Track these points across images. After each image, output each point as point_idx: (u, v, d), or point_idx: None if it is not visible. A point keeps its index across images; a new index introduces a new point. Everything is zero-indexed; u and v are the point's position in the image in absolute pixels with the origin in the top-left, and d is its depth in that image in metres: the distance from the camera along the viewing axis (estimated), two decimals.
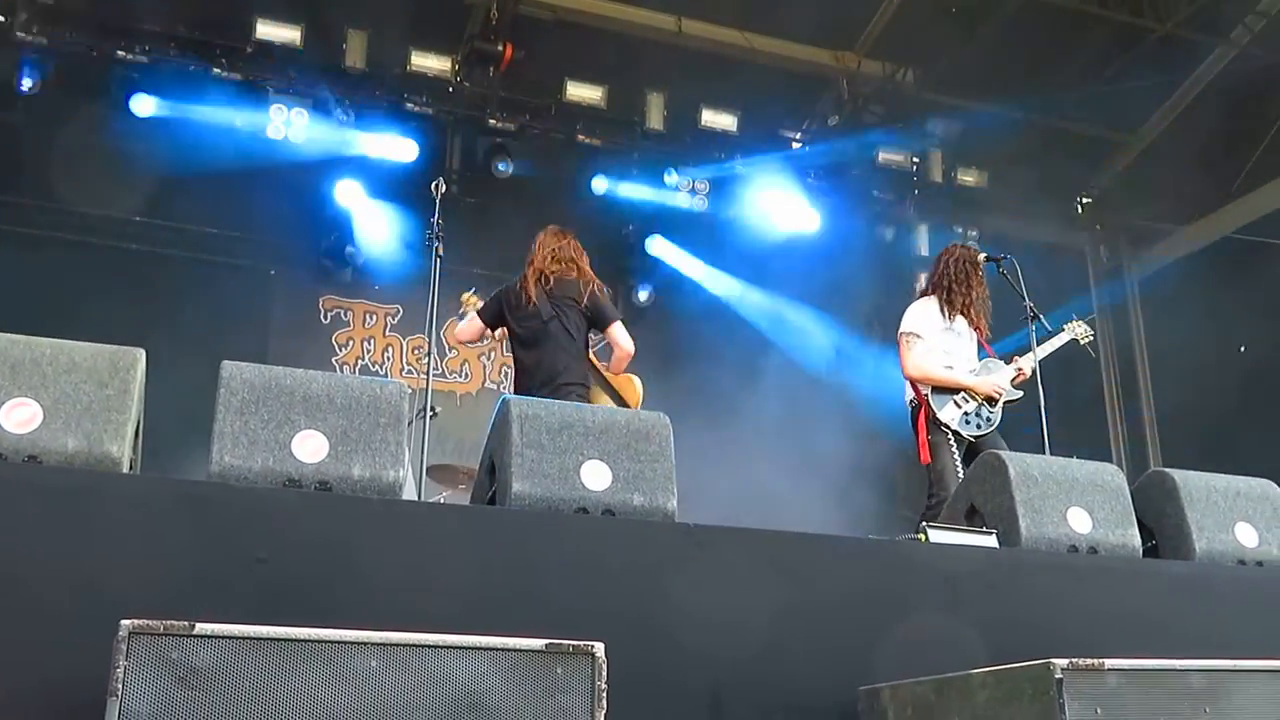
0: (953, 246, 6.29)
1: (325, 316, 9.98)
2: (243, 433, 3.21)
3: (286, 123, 8.74)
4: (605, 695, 2.29)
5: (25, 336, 3.17)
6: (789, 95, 10.61)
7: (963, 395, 5.83)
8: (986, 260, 6.13)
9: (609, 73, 9.53)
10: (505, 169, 9.56)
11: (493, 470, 3.58)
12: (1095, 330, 6.57)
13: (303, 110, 8.77)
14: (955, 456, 5.69)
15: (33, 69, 8.23)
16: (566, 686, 2.28)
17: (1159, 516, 4.25)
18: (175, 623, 2.12)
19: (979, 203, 10.75)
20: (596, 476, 3.47)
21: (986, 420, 5.82)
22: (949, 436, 5.75)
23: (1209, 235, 10.57)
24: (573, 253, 5.91)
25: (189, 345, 7.29)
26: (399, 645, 2.22)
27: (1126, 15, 9.43)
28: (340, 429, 3.30)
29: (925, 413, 5.81)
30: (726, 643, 3.16)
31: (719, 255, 10.42)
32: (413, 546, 3.07)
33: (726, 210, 10.22)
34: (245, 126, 8.73)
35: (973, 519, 4.14)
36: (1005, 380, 5.90)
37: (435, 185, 5.70)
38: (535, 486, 3.39)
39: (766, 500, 8.42)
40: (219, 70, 8.74)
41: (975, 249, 6.27)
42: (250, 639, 2.15)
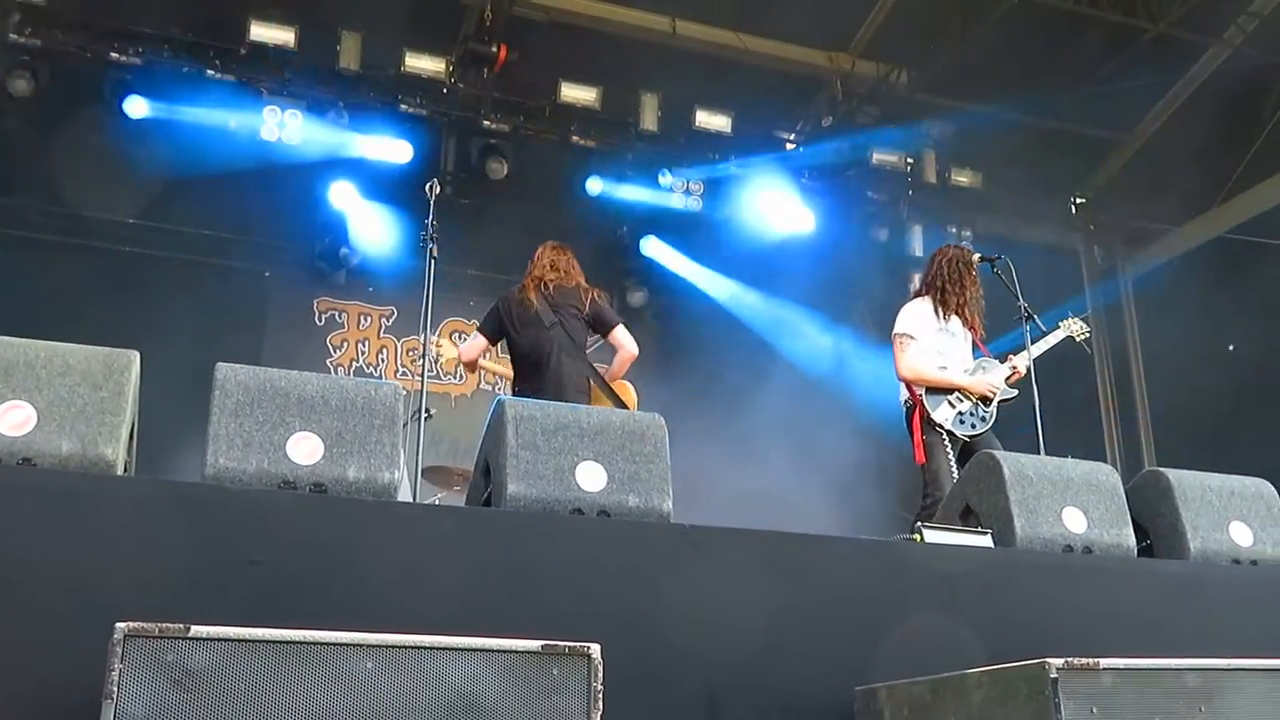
0: (946, 247, 6.28)
1: (320, 318, 9.97)
2: (237, 435, 3.20)
3: (281, 124, 8.74)
4: (601, 696, 2.29)
5: (19, 339, 3.16)
6: (783, 96, 10.63)
7: (957, 395, 5.83)
8: (981, 260, 6.12)
9: (603, 74, 9.53)
10: (499, 170, 9.56)
11: (488, 471, 3.58)
12: (1090, 329, 6.56)
13: (297, 112, 8.77)
14: (950, 457, 5.70)
15: (25, 71, 8.21)
16: (562, 688, 2.28)
17: (1154, 516, 4.26)
18: (170, 625, 2.12)
19: (973, 203, 10.77)
20: (592, 477, 3.47)
21: (981, 420, 5.83)
22: (943, 436, 5.75)
23: (1203, 235, 10.60)
24: (570, 265, 6.06)
25: (183, 347, 7.27)
26: (395, 647, 2.22)
27: (1120, 15, 9.44)
28: (335, 431, 3.30)
29: (919, 413, 5.81)
30: (722, 643, 3.16)
31: (713, 256, 10.43)
32: (408, 548, 3.07)
33: (721, 211, 10.23)
34: (239, 128, 8.73)
35: (968, 519, 4.14)
36: (999, 379, 5.91)
37: (429, 187, 5.71)
38: (530, 488, 3.39)
39: (763, 501, 8.40)
40: (213, 72, 8.75)
41: (969, 249, 6.27)
42: (245, 641, 2.15)
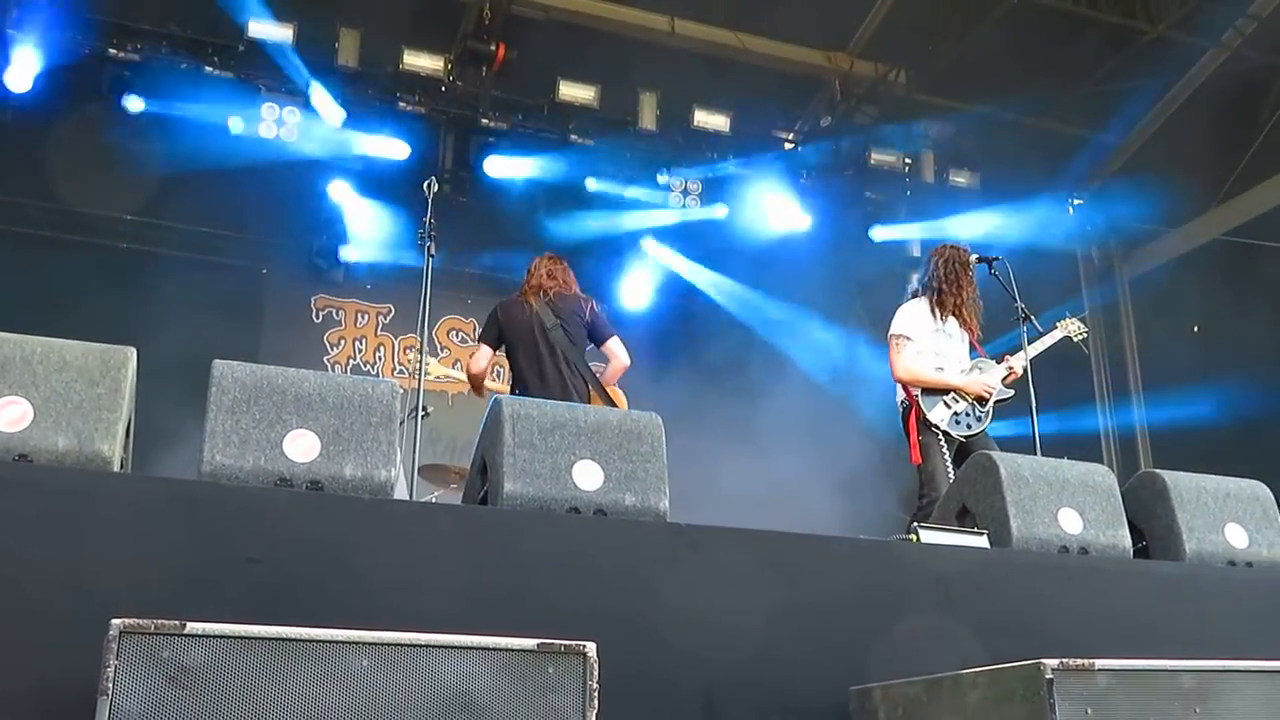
0: (942, 247, 6.25)
1: (317, 315, 9.96)
2: (234, 432, 3.20)
3: (279, 121, 8.74)
4: (597, 695, 2.29)
5: (16, 335, 3.15)
6: (782, 96, 10.64)
7: (953, 396, 5.83)
8: (979, 261, 6.12)
9: (601, 72, 9.53)
10: (497, 169, 9.55)
11: (484, 470, 3.58)
12: (1088, 329, 6.56)
13: (295, 109, 8.77)
14: (946, 457, 5.70)
15: (23, 67, 8.19)
16: (558, 686, 2.28)
17: (1149, 517, 4.26)
18: (166, 622, 2.12)
19: (971, 203, 10.76)
20: (588, 476, 3.47)
21: (977, 420, 5.83)
22: (939, 437, 5.75)
23: (1200, 237, 10.60)
24: (567, 275, 6.15)
25: (180, 344, 7.25)
26: (391, 645, 2.22)
27: (1118, 17, 9.46)
28: (332, 428, 3.29)
29: (915, 414, 5.81)
30: (718, 643, 3.16)
31: (711, 255, 10.43)
32: (405, 546, 3.07)
33: (719, 211, 10.22)
34: (237, 125, 8.71)
35: (964, 520, 4.14)
36: (996, 379, 5.91)
37: (427, 184, 5.71)
38: (527, 486, 3.39)
39: (764, 501, 8.41)
40: (211, 69, 8.74)
41: (966, 249, 6.23)
42: (241, 638, 2.15)
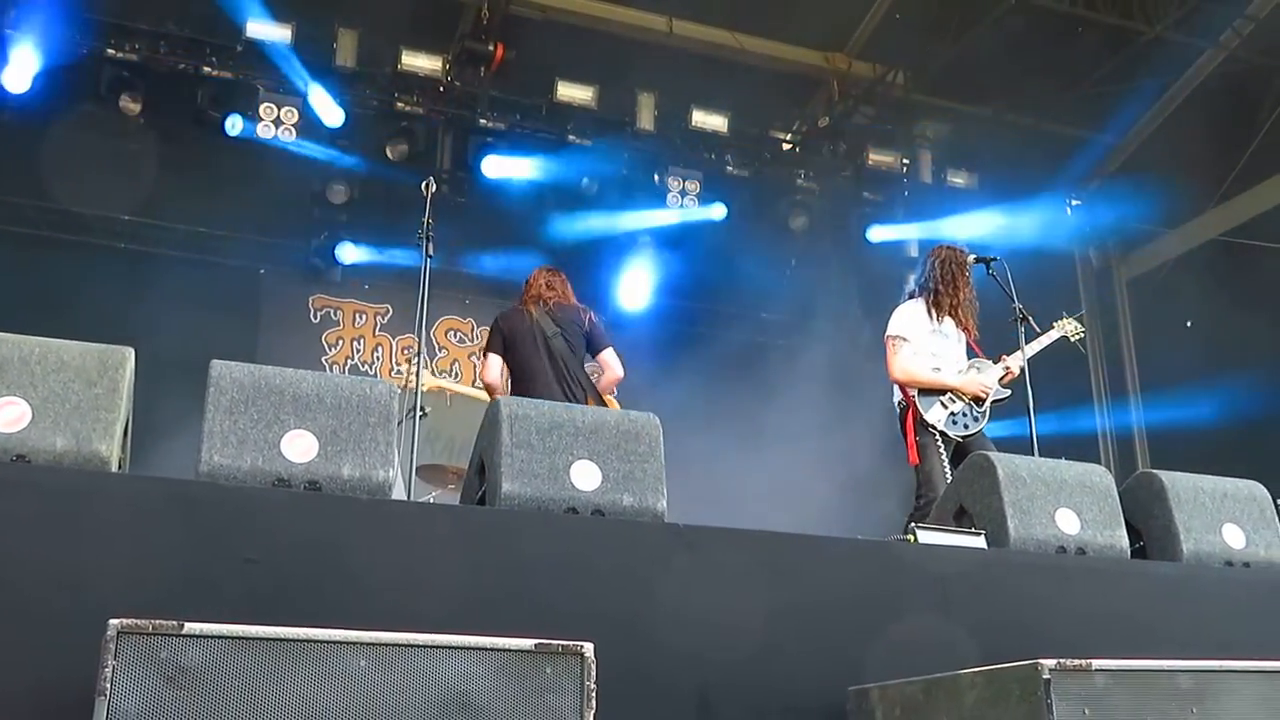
0: (939, 248, 6.25)
1: (315, 316, 9.95)
2: (232, 432, 3.20)
3: (276, 121, 8.72)
4: (595, 695, 2.29)
5: (14, 335, 3.15)
6: (779, 96, 10.64)
7: (949, 396, 5.83)
8: (976, 261, 6.12)
9: (599, 73, 9.52)
10: (495, 169, 9.55)
11: (482, 470, 3.58)
12: (1085, 328, 6.56)
13: (293, 109, 8.75)
14: (943, 457, 5.70)
15: (21, 67, 8.18)
16: (556, 686, 2.28)
17: (1147, 517, 4.26)
18: (164, 622, 2.12)
19: (969, 204, 10.76)
20: (586, 477, 3.48)
21: (974, 420, 5.83)
22: (936, 438, 5.75)
23: (1198, 237, 10.61)
24: (565, 286, 6.18)
25: (178, 344, 7.26)
26: (388, 645, 2.22)
27: (1116, 18, 9.46)
28: (330, 429, 3.30)
29: (912, 415, 5.81)
30: (716, 643, 3.16)
31: (709, 256, 10.42)
32: (402, 546, 3.07)
33: (716, 211, 10.21)
34: (235, 125, 8.71)
35: (961, 520, 4.14)
36: (992, 379, 5.91)
37: (425, 185, 5.71)
38: (525, 486, 3.39)
39: (761, 502, 8.42)
40: (209, 69, 8.73)
41: (962, 250, 6.22)
42: (239, 639, 2.15)
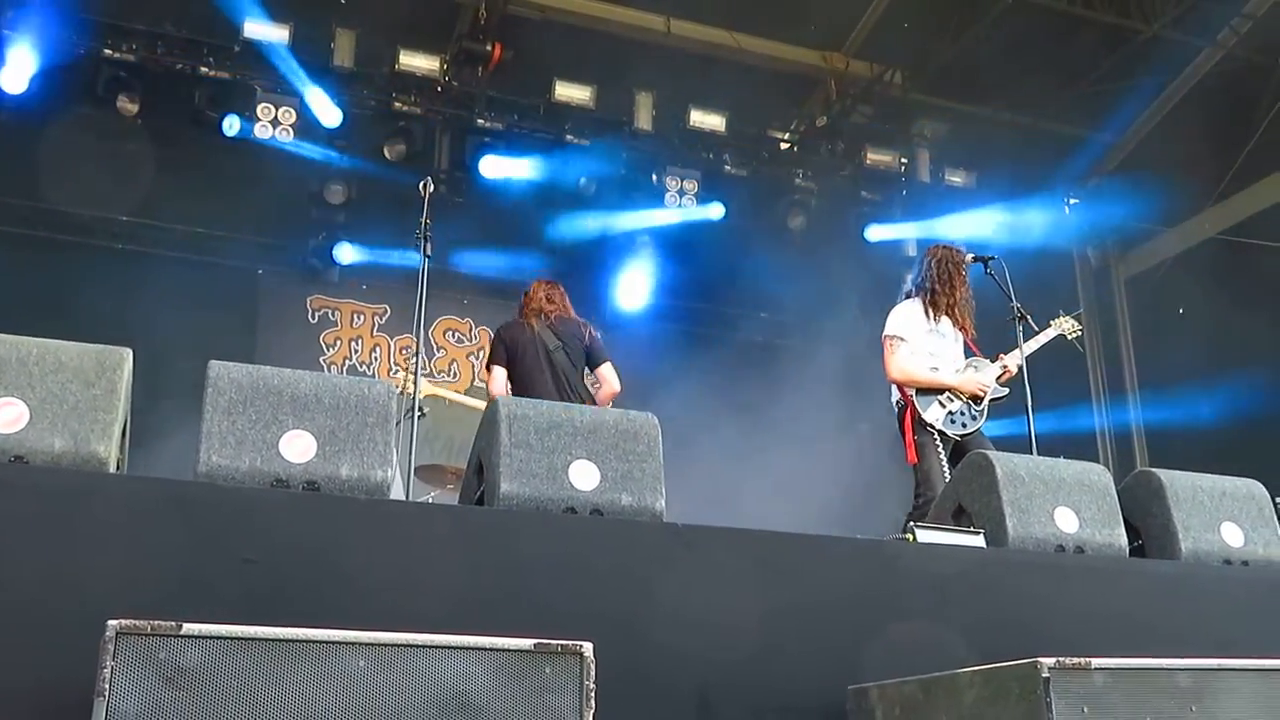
0: (936, 247, 6.24)
1: (313, 316, 9.95)
2: (230, 433, 3.20)
3: (274, 122, 8.72)
4: (594, 695, 2.29)
5: (11, 336, 3.15)
6: (777, 96, 10.64)
7: (947, 395, 5.83)
8: (974, 260, 6.12)
9: (597, 73, 9.51)
10: (493, 169, 9.55)
11: (481, 470, 3.58)
12: (1083, 326, 6.56)
13: (291, 109, 8.74)
14: (942, 456, 5.70)
15: (18, 68, 8.17)
16: (555, 686, 2.28)
17: (1145, 516, 4.26)
18: (162, 623, 2.11)
19: (967, 203, 10.76)
20: (585, 476, 3.48)
21: (972, 419, 5.83)
22: (935, 437, 5.75)
23: (1196, 236, 10.61)
24: (564, 299, 6.30)
25: (176, 345, 7.25)
26: (387, 645, 2.22)
27: (1114, 17, 9.46)
28: (328, 429, 3.29)
29: (910, 414, 5.81)
30: (715, 642, 3.16)
31: (707, 256, 10.41)
32: (401, 546, 3.07)
33: (714, 210, 10.20)
34: (233, 125, 8.70)
35: (960, 519, 4.14)
36: (990, 378, 5.91)
37: (423, 185, 5.70)
38: (523, 486, 3.39)
39: (760, 502, 8.42)
40: (207, 69, 8.72)
41: (958, 249, 6.22)
42: (238, 639, 2.14)
